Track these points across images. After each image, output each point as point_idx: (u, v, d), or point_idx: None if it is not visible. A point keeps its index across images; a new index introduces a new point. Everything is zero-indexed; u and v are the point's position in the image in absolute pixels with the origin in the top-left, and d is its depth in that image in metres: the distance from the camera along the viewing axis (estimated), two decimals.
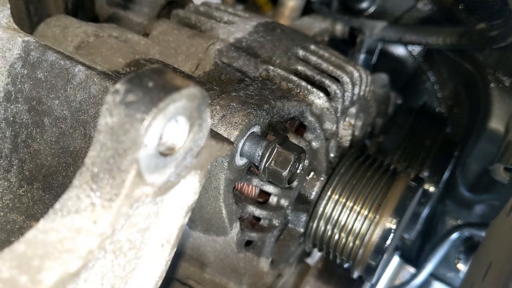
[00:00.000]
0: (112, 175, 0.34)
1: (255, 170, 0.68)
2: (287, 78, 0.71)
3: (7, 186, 0.53)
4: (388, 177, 0.78)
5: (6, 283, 0.30)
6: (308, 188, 0.79)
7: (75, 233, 0.34)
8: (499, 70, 1.08)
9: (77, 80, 0.49)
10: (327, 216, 0.79)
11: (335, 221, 0.78)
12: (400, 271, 1.20)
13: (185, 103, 0.36)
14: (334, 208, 0.78)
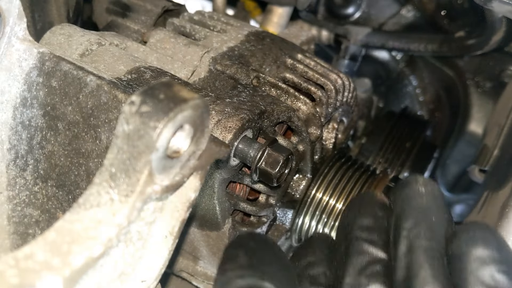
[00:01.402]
0: (128, 174, 0.40)
1: (247, 170, 0.74)
2: (276, 85, 0.77)
3: (23, 184, 0.58)
4: (367, 177, 0.84)
5: (41, 264, 0.36)
6: (295, 187, 0.85)
7: (97, 223, 0.39)
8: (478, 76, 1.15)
9: (88, 88, 0.55)
10: (311, 212, 0.85)
11: (319, 218, 0.85)
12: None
13: (190, 112, 0.42)
14: (318, 206, 0.85)
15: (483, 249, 0.47)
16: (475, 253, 0.47)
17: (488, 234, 0.49)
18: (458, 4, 1.13)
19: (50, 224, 0.60)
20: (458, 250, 0.48)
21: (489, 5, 0.80)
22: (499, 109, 1.05)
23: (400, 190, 0.54)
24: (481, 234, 0.48)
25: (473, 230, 0.49)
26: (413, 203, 0.52)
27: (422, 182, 0.54)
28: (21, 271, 0.36)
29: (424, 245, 0.49)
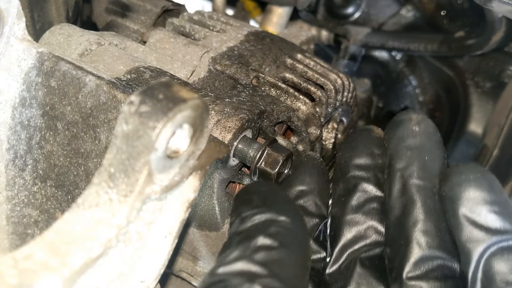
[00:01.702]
0: (127, 174, 0.40)
1: (246, 170, 0.74)
2: (276, 85, 0.77)
3: (22, 184, 0.58)
4: None
5: (40, 264, 0.36)
6: None
7: (96, 224, 0.39)
8: (478, 76, 1.15)
9: (88, 88, 0.55)
10: None
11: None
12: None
13: (190, 112, 0.42)
14: None
15: (475, 190, 0.48)
16: (467, 195, 0.48)
17: (480, 175, 0.49)
18: (458, 4, 1.13)
19: (49, 224, 0.60)
20: (451, 191, 0.49)
21: (489, 5, 0.80)
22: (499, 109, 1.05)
23: (394, 129, 0.56)
24: (474, 175, 0.49)
25: (466, 171, 0.49)
26: (407, 143, 0.53)
27: (416, 120, 0.55)
28: (20, 272, 0.36)
29: (417, 185, 0.51)
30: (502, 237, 0.46)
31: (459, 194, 0.48)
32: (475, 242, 0.47)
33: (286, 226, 0.47)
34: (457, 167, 0.50)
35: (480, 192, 0.48)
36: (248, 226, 0.47)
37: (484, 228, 0.47)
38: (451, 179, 0.50)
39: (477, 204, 0.48)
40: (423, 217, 0.50)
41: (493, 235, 0.46)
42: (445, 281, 0.48)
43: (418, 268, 0.48)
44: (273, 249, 0.44)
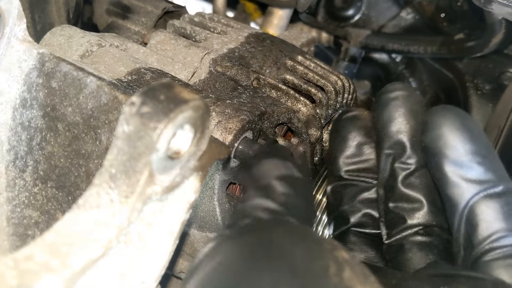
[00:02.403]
0: (128, 175, 0.40)
1: None
2: (276, 87, 0.77)
3: (22, 185, 0.58)
4: None
5: (41, 265, 0.36)
6: None
7: (97, 224, 0.39)
8: (478, 78, 1.15)
9: (89, 89, 0.55)
10: None
11: (319, 219, 0.85)
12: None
13: (191, 113, 0.42)
14: (318, 207, 0.85)
15: (456, 142, 0.49)
16: (449, 148, 0.49)
17: (460, 123, 0.50)
18: (458, 7, 1.13)
19: (49, 225, 0.60)
20: (432, 144, 0.51)
21: (489, 7, 0.80)
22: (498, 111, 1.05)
23: (381, 111, 0.57)
24: (453, 124, 0.50)
25: (445, 121, 0.50)
26: (394, 128, 0.56)
27: (402, 100, 0.56)
28: (21, 273, 0.36)
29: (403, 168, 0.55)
30: (486, 186, 0.47)
31: (441, 148, 0.49)
32: (460, 194, 0.48)
33: (300, 179, 0.50)
34: (435, 116, 0.51)
35: (462, 143, 0.48)
36: (270, 171, 0.50)
37: (469, 180, 0.48)
38: (431, 130, 0.50)
39: (459, 156, 0.48)
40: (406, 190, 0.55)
41: (477, 185, 0.47)
42: (429, 235, 0.51)
43: (410, 228, 0.53)
44: (291, 196, 0.48)
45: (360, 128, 0.62)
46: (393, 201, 0.55)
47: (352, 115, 0.63)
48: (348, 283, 0.36)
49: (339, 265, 0.37)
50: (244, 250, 0.40)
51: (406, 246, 0.53)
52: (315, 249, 0.39)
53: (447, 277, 0.44)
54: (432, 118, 0.51)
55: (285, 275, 0.36)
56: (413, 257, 0.53)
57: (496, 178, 0.48)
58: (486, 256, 0.45)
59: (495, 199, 0.47)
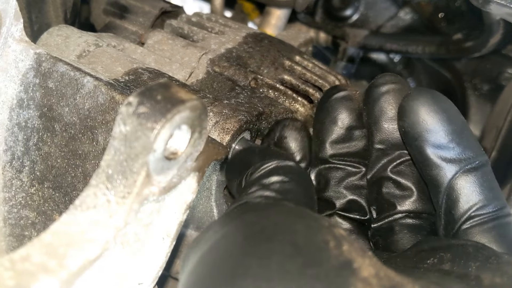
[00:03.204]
0: (125, 176, 0.40)
1: None
2: (274, 87, 0.77)
3: (19, 185, 0.58)
4: None
5: (38, 266, 0.35)
6: None
7: (94, 225, 0.39)
8: (476, 78, 1.15)
9: (85, 90, 0.54)
10: None
11: None
12: None
13: (188, 113, 0.42)
14: None
15: (434, 125, 0.50)
16: (429, 132, 0.51)
17: (436, 106, 0.51)
18: (456, 7, 1.13)
19: (46, 226, 0.60)
20: (411, 129, 0.52)
21: (487, 7, 0.80)
22: (496, 111, 1.05)
23: (372, 104, 0.57)
24: (430, 108, 0.51)
25: (422, 105, 0.51)
26: (381, 123, 0.56)
27: (393, 94, 0.56)
28: (17, 273, 0.36)
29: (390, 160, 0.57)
30: (465, 163, 0.49)
31: (421, 132, 0.51)
32: (442, 175, 0.50)
33: (293, 167, 0.52)
34: (412, 100, 0.52)
35: (441, 126, 0.50)
36: (260, 174, 0.51)
37: (449, 160, 0.50)
38: (409, 115, 0.51)
39: (439, 139, 0.50)
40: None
41: (457, 163, 0.50)
42: (419, 219, 0.54)
43: (400, 213, 0.55)
44: (286, 183, 0.50)
45: (352, 110, 0.60)
46: (384, 188, 0.56)
47: (343, 95, 0.61)
48: (348, 256, 0.37)
49: (338, 240, 0.39)
50: (245, 228, 0.41)
51: (396, 228, 0.55)
52: (314, 226, 0.40)
53: (432, 250, 0.46)
54: (409, 103, 0.52)
55: (289, 249, 0.38)
56: (403, 238, 0.54)
57: (473, 154, 0.50)
58: (465, 225, 0.48)
59: (473, 173, 0.49)
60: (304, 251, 0.38)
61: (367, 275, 0.36)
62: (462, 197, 0.49)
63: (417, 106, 0.51)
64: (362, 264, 0.37)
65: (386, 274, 0.37)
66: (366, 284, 0.35)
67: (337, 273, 0.36)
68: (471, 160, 0.49)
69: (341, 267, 0.36)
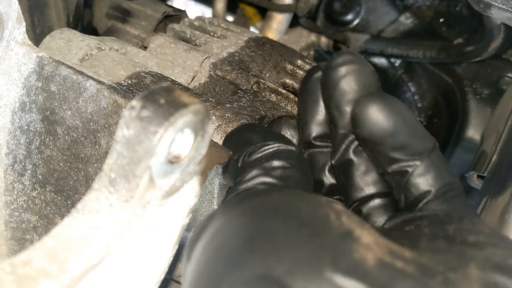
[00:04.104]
0: (127, 180, 0.40)
1: None
2: (276, 91, 0.77)
3: (21, 189, 0.58)
4: None
5: (39, 271, 0.35)
6: None
7: (96, 229, 0.39)
8: (476, 82, 1.15)
9: (88, 93, 0.54)
10: None
11: None
12: None
13: (191, 117, 0.42)
14: None
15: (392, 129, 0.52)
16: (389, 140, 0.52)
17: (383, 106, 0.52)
18: (456, 11, 1.13)
19: (48, 229, 0.60)
20: (365, 133, 0.53)
21: (488, 12, 0.80)
22: (497, 116, 1.05)
23: (332, 92, 0.56)
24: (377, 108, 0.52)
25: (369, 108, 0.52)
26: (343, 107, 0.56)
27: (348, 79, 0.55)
28: (18, 278, 0.35)
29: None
30: (424, 153, 0.52)
31: (381, 139, 0.52)
32: (404, 169, 0.52)
33: (295, 153, 0.53)
34: (366, 108, 0.52)
35: (398, 128, 0.52)
36: (260, 155, 0.52)
37: (410, 155, 0.52)
38: (366, 123, 0.52)
39: (400, 140, 0.52)
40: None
41: (417, 156, 0.52)
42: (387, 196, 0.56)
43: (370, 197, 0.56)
44: (286, 169, 0.51)
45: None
46: (350, 172, 0.57)
47: (311, 80, 0.61)
48: (348, 227, 0.40)
49: (337, 213, 0.41)
50: (249, 210, 0.43)
51: (369, 211, 0.56)
52: (314, 202, 0.43)
53: (406, 221, 0.48)
54: (363, 112, 0.52)
55: (294, 223, 0.40)
56: (377, 218, 0.56)
57: (428, 142, 0.52)
58: (425, 200, 0.51)
59: (429, 158, 0.52)
60: (309, 224, 0.40)
61: (367, 242, 0.39)
62: (423, 180, 0.51)
63: (373, 114, 0.52)
64: (361, 232, 0.39)
65: (385, 243, 0.39)
66: (368, 249, 0.38)
67: (341, 241, 0.38)
68: (428, 148, 0.52)
69: (344, 236, 0.39)
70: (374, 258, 0.37)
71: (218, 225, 0.43)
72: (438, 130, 1.26)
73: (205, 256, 0.42)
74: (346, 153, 0.56)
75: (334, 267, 0.36)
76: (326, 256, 0.37)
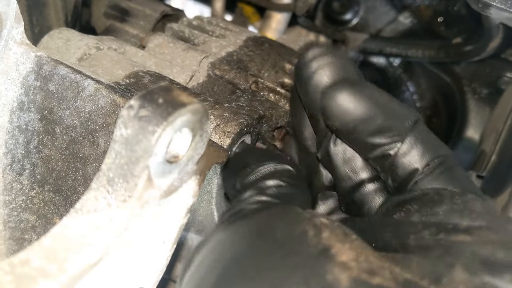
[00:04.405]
0: (126, 179, 0.40)
1: None
2: (275, 90, 0.77)
3: (19, 188, 0.58)
4: None
5: (37, 270, 0.35)
6: None
7: (94, 229, 0.39)
8: (475, 82, 1.15)
9: (86, 92, 0.54)
10: None
11: None
12: None
13: (189, 116, 0.41)
14: None
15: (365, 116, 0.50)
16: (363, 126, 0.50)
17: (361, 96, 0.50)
18: (455, 11, 1.13)
19: (46, 229, 0.60)
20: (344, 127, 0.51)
21: (487, 11, 0.80)
22: (496, 115, 1.05)
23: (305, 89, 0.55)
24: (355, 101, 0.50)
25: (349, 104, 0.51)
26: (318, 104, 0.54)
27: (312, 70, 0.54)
28: (17, 277, 0.35)
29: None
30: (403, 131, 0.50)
31: (355, 127, 0.50)
32: (385, 152, 0.50)
33: (290, 171, 0.53)
34: (335, 98, 0.51)
35: (372, 113, 0.49)
36: (255, 176, 0.52)
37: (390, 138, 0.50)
38: (338, 115, 0.51)
39: (375, 126, 0.50)
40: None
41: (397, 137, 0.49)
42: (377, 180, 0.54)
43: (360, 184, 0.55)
44: (281, 187, 0.50)
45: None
46: (335, 162, 0.55)
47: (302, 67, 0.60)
48: (326, 242, 0.38)
49: (317, 229, 0.40)
50: (234, 235, 0.44)
51: (356, 199, 0.54)
52: (294, 219, 0.42)
53: (397, 206, 0.47)
54: (332, 103, 0.51)
55: (269, 246, 0.40)
56: (370, 206, 0.54)
57: (407, 118, 0.50)
58: (415, 179, 0.49)
59: (412, 133, 0.49)
60: (283, 245, 0.39)
61: (345, 260, 0.37)
62: (408, 159, 0.49)
63: (340, 104, 0.50)
64: (340, 249, 0.38)
65: (366, 258, 0.37)
66: (344, 268, 0.36)
67: (315, 260, 0.37)
68: (408, 124, 0.49)
69: (319, 254, 0.38)
70: (348, 278, 0.35)
71: (210, 247, 0.44)
72: (437, 130, 1.26)
73: (198, 273, 0.44)
74: (327, 146, 0.55)
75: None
76: (297, 278, 0.36)
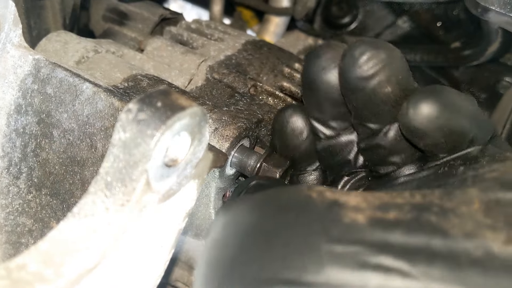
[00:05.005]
0: (124, 183, 0.39)
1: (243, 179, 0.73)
2: (274, 94, 0.77)
3: (16, 192, 0.57)
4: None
5: (34, 275, 0.35)
6: None
7: (92, 233, 0.39)
8: (474, 86, 1.16)
9: (84, 96, 0.54)
10: None
11: None
12: None
13: (188, 120, 0.41)
14: None
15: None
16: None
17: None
18: (454, 15, 1.13)
19: (43, 233, 0.59)
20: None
21: (486, 16, 0.80)
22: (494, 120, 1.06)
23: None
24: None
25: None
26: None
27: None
28: (13, 282, 0.35)
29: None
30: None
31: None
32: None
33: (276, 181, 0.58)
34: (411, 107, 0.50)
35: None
36: (243, 190, 0.56)
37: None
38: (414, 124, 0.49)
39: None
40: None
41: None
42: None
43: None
44: (265, 185, 0.55)
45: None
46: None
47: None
48: (332, 197, 0.39)
49: (319, 192, 0.40)
50: (241, 212, 0.44)
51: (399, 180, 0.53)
52: (294, 190, 0.43)
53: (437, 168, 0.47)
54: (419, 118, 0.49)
55: (279, 214, 0.40)
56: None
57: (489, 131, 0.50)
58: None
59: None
60: (292, 208, 0.40)
61: (355, 204, 0.38)
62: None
63: (426, 115, 0.47)
64: (347, 198, 0.39)
65: (374, 197, 0.38)
66: (357, 210, 0.37)
67: (327, 212, 0.38)
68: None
69: (329, 206, 0.38)
70: (364, 217, 0.36)
71: (218, 226, 0.44)
72: None
73: (210, 255, 0.43)
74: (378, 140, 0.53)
75: (327, 238, 0.36)
76: (316, 229, 0.36)
